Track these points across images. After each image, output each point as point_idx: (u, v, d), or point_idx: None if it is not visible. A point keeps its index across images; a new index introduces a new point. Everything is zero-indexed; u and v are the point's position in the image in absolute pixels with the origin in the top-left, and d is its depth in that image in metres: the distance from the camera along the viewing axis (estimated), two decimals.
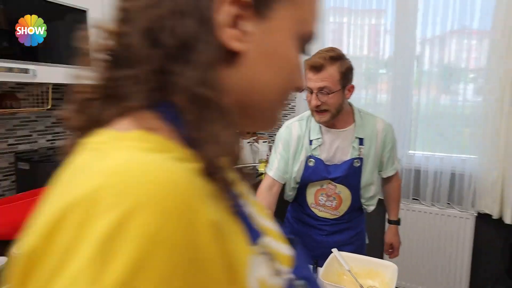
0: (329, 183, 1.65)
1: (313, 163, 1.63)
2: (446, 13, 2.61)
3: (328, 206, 1.70)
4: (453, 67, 2.67)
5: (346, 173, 1.62)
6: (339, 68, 1.48)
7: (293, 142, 1.66)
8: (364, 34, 2.92)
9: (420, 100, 2.72)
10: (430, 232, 2.68)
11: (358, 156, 1.62)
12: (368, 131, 1.64)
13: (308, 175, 1.66)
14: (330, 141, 1.63)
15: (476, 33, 2.61)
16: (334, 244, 1.65)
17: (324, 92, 1.48)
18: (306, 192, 1.71)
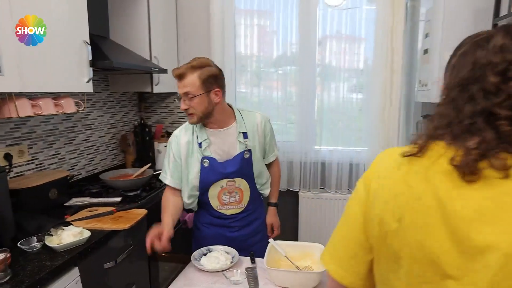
0: (228, 181, 1.80)
1: (207, 163, 1.76)
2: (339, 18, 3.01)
3: (232, 202, 1.85)
4: (346, 68, 3.07)
5: (240, 165, 1.79)
6: (199, 75, 1.63)
7: (183, 149, 1.78)
8: (254, 34, 3.20)
9: (323, 98, 3.08)
10: (336, 215, 3.07)
11: (246, 149, 1.80)
12: (249, 125, 1.82)
13: (206, 175, 1.77)
14: (218, 141, 1.78)
15: (361, 39, 3.05)
16: (247, 236, 1.91)
17: (188, 96, 1.65)
18: (208, 198, 1.83)
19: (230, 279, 1.58)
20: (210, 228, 1.90)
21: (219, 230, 1.89)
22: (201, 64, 1.66)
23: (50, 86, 1.73)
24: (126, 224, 1.81)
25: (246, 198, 1.87)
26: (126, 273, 1.93)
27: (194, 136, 1.78)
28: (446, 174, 0.68)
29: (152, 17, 2.71)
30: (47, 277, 1.35)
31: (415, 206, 0.70)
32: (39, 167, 2.19)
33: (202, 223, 1.93)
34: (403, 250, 0.71)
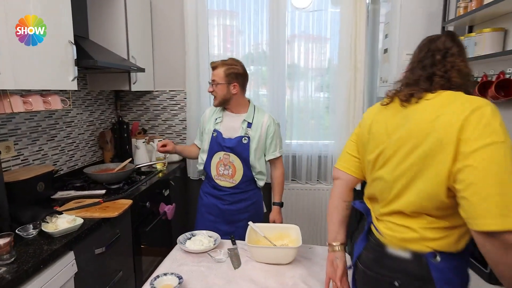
0: (224, 153, 2.24)
1: (215, 134, 2.26)
2: (307, 20, 3.22)
3: (226, 174, 2.27)
4: (314, 68, 3.29)
5: (235, 145, 2.22)
6: (225, 70, 2.18)
7: (206, 119, 2.36)
8: (227, 35, 3.37)
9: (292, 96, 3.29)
10: (306, 203, 3.29)
11: (246, 135, 2.23)
12: (256, 120, 2.26)
13: (213, 144, 2.26)
14: (228, 121, 2.28)
15: (327, 39, 3.27)
16: (234, 212, 2.29)
17: (214, 83, 2.19)
18: (210, 166, 2.28)
19: (214, 258, 1.74)
20: (208, 197, 2.34)
21: (214, 200, 2.31)
22: (230, 63, 2.20)
23: (39, 83, 1.82)
24: (114, 212, 1.93)
25: (238, 176, 2.26)
26: (114, 260, 2.04)
27: (214, 114, 2.33)
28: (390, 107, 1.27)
29: (129, 18, 2.81)
30: (48, 258, 1.47)
31: (373, 127, 1.29)
32: (24, 163, 2.27)
33: (204, 192, 2.38)
34: (368, 151, 1.31)
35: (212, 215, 2.31)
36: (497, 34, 1.72)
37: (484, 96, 1.77)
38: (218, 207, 2.30)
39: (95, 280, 1.87)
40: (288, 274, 1.61)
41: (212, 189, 2.32)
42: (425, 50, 1.26)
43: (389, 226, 1.21)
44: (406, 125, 1.16)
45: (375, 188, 1.29)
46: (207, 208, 2.33)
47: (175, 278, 1.51)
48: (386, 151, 1.22)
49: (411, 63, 1.30)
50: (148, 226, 2.48)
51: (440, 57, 1.22)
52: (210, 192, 2.32)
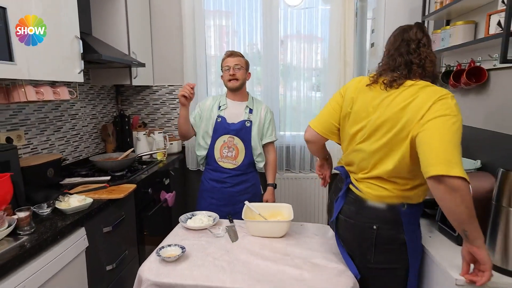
0: (229, 137, 2.45)
1: (220, 119, 2.46)
2: (299, 18, 3.39)
3: (229, 156, 2.47)
4: (307, 67, 3.45)
5: (240, 128, 2.46)
6: (242, 57, 2.48)
7: (207, 107, 2.52)
8: (222, 35, 3.53)
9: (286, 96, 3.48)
10: (300, 191, 3.46)
11: (248, 119, 2.47)
12: (255, 107, 2.54)
13: (217, 128, 2.45)
14: (232, 107, 2.50)
15: (318, 39, 3.44)
16: (235, 193, 2.47)
17: (238, 66, 2.42)
18: (214, 149, 2.47)
19: (213, 233, 1.90)
20: (210, 182, 2.52)
21: (217, 184, 2.50)
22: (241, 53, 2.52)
23: (49, 75, 1.98)
24: (121, 194, 2.09)
25: (240, 158, 2.47)
26: (119, 239, 2.20)
27: (216, 103, 2.52)
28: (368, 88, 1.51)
29: (130, 16, 2.97)
30: (63, 230, 1.62)
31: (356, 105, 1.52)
32: (33, 151, 2.41)
33: (206, 179, 2.56)
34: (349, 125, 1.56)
35: (214, 198, 2.50)
36: (468, 26, 1.89)
37: (458, 83, 1.94)
38: (221, 190, 2.48)
39: (103, 257, 2.02)
40: (281, 245, 1.77)
41: (214, 173, 2.50)
42: (399, 40, 1.51)
43: (368, 186, 1.50)
44: (386, 109, 1.41)
45: (355, 157, 1.54)
46: (210, 193, 2.51)
47: (178, 248, 1.66)
48: (365, 129, 1.47)
49: (388, 50, 1.56)
50: (150, 211, 2.63)
51: (414, 46, 1.47)
52: (213, 177, 2.50)
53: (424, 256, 1.52)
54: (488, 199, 1.39)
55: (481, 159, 1.87)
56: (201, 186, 2.60)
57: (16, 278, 1.34)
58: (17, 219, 1.51)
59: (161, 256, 1.59)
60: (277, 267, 1.55)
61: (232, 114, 2.48)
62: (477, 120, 1.96)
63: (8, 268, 1.30)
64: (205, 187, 2.55)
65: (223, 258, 1.63)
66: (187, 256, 1.64)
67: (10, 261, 1.31)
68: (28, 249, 1.41)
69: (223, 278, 1.47)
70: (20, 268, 1.37)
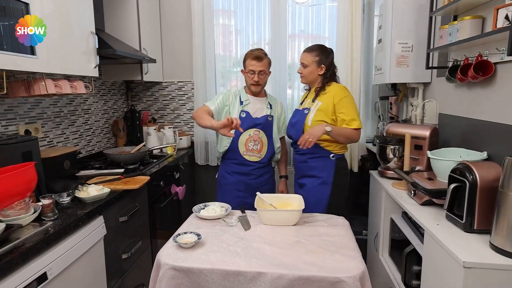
0: (255, 130, 2.49)
1: (244, 114, 2.49)
2: (306, 16, 3.44)
3: (255, 149, 2.50)
4: None
5: (264, 122, 2.52)
6: (268, 61, 2.48)
7: (230, 100, 2.53)
8: (232, 34, 3.59)
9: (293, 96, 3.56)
10: None
11: (270, 114, 2.55)
12: (273, 103, 2.62)
13: (242, 123, 2.35)
14: (253, 103, 2.53)
15: (325, 38, 3.50)
16: (260, 183, 2.54)
17: (262, 73, 2.44)
18: (238, 144, 2.48)
19: (227, 222, 1.96)
20: (234, 176, 2.55)
21: (241, 177, 2.54)
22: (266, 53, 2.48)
23: (67, 69, 2.04)
24: (136, 184, 2.15)
25: (264, 150, 2.53)
26: (134, 229, 2.26)
27: (237, 97, 2.54)
28: None
29: (141, 12, 3.03)
30: (84, 217, 1.68)
31: None
32: (49, 144, 2.48)
33: (228, 172, 2.57)
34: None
35: (240, 191, 2.52)
36: (476, 21, 1.93)
37: (465, 77, 1.99)
38: (246, 182, 2.52)
39: (120, 245, 2.09)
40: (293, 232, 1.83)
41: (239, 166, 2.52)
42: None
43: None
44: None
45: None
46: (235, 186, 2.53)
47: (194, 235, 1.72)
48: None
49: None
50: (162, 203, 2.69)
51: None
52: (237, 170, 2.53)
53: (431, 241, 1.57)
54: (495, 188, 1.43)
55: (488, 151, 1.92)
56: (222, 180, 2.60)
57: (42, 260, 1.40)
58: (41, 206, 1.57)
59: (178, 242, 1.65)
60: (289, 252, 1.61)
61: (256, 109, 2.52)
62: (483, 113, 2.00)
63: (36, 250, 1.37)
64: (228, 181, 2.55)
65: (237, 245, 1.69)
66: (203, 243, 1.70)
67: (37, 244, 1.37)
68: (52, 233, 1.47)
69: (238, 262, 1.53)
70: (46, 252, 1.44)
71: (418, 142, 2.31)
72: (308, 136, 2.15)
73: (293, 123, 2.46)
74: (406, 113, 3.08)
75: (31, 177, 1.57)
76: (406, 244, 1.96)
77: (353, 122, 2.30)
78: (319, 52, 2.39)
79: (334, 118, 2.34)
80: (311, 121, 2.34)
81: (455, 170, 1.64)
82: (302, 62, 2.41)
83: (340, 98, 2.32)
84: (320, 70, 2.39)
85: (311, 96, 2.44)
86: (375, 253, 2.56)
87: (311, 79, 2.44)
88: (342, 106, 2.31)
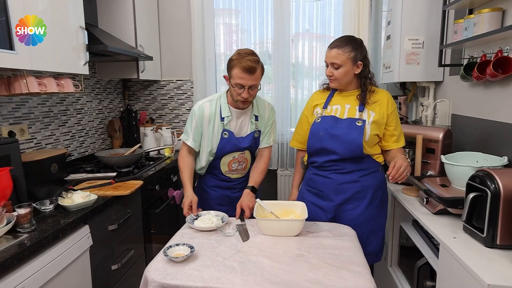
0: (240, 153, 2.12)
1: (227, 135, 2.05)
2: (311, 13, 3.30)
3: (239, 169, 2.19)
4: (318, 66, 3.38)
5: (251, 143, 2.12)
6: (261, 69, 1.95)
7: (205, 119, 2.05)
8: (231, 32, 3.45)
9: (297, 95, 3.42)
10: None
11: (257, 129, 2.13)
12: (261, 110, 2.14)
13: (224, 145, 2.06)
14: (236, 118, 2.08)
15: (330, 37, 3.34)
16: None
17: (253, 87, 1.93)
18: (220, 164, 2.14)
19: (223, 232, 1.81)
20: (216, 190, 2.21)
21: (224, 191, 2.21)
22: (259, 59, 1.95)
23: (52, 66, 1.90)
24: (126, 190, 2.01)
25: (248, 166, 2.22)
26: (125, 238, 2.12)
27: (217, 111, 2.05)
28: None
29: (137, 7, 2.89)
30: (65, 228, 1.54)
31: None
32: (37, 146, 2.34)
33: (209, 187, 2.22)
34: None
35: (223, 205, 2.18)
36: (495, 14, 1.77)
37: (483, 75, 1.82)
38: (229, 196, 2.21)
39: (109, 255, 1.94)
40: (295, 244, 1.67)
41: (220, 182, 2.21)
42: None
43: None
44: None
45: None
46: (219, 200, 2.20)
47: (186, 248, 1.57)
48: None
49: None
50: (157, 208, 2.55)
51: None
52: (218, 185, 2.21)
53: (448, 256, 1.42)
54: None
55: (508, 156, 1.76)
56: (204, 195, 2.22)
57: (15, 278, 1.26)
58: (17, 216, 1.43)
59: (169, 256, 1.51)
60: (290, 268, 1.46)
61: (239, 125, 2.10)
62: (502, 114, 1.84)
63: (6, 267, 1.23)
64: (211, 196, 2.21)
65: (233, 258, 1.54)
66: (196, 256, 1.55)
67: (8, 260, 1.23)
68: (27, 247, 1.33)
69: (233, 279, 1.37)
70: (19, 268, 1.30)
71: (430, 145, 2.16)
72: (403, 169, 1.71)
73: (336, 136, 1.90)
74: (416, 114, 2.92)
75: (4, 185, 1.43)
76: (416, 253, 1.81)
77: (402, 138, 1.97)
78: (353, 47, 1.85)
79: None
80: (369, 136, 1.88)
81: (474, 178, 1.48)
82: (333, 62, 1.86)
83: (394, 109, 1.92)
84: (357, 68, 1.87)
85: (347, 101, 1.94)
86: (383, 263, 2.40)
87: (345, 82, 1.90)
88: (393, 119, 1.92)
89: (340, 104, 1.95)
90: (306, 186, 2.09)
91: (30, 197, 1.78)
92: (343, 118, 1.91)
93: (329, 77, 1.92)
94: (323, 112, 1.97)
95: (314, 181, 2.03)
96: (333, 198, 1.97)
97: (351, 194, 1.94)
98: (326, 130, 1.92)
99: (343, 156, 1.90)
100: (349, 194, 1.94)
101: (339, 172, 1.95)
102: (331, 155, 1.93)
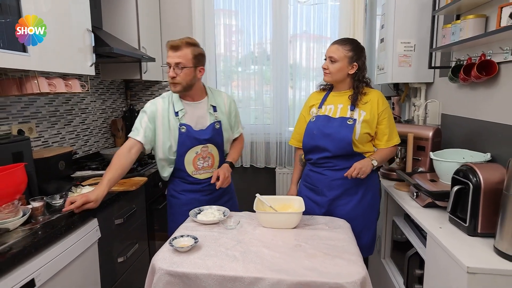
0: (202, 147, 2.05)
1: (184, 129, 2.00)
2: (308, 16, 3.41)
3: (206, 166, 2.11)
4: (315, 67, 3.49)
5: (212, 134, 2.06)
6: (192, 51, 1.93)
7: (159, 115, 2.00)
8: (231, 33, 3.56)
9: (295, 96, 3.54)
10: None
11: (216, 120, 2.09)
12: (218, 101, 2.14)
13: (183, 140, 2.00)
14: (191, 111, 2.04)
15: (327, 38, 3.46)
16: (217, 197, 2.17)
17: (179, 66, 1.91)
18: (184, 164, 2.05)
19: (225, 225, 1.91)
20: (186, 194, 2.13)
21: (193, 195, 2.12)
22: (194, 43, 1.98)
23: (61, 67, 2.00)
24: (132, 186, 2.11)
25: (216, 163, 2.14)
26: (130, 232, 2.22)
27: (170, 106, 2.02)
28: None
29: (140, 10, 2.99)
30: (76, 220, 1.64)
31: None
32: (44, 144, 2.44)
33: (177, 191, 2.14)
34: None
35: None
36: (479, 20, 1.88)
37: (468, 77, 1.94)
38: (199, 199, 2.12)
39: (115, 248, 2.04)
40: (293, 236, 1.78)
41: (189, 185, 2.12)
42: None
43: None
44: None
45: None
46: (189, 206, 2.05)
47: (191, 239, 1.67)
48: None
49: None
50: (160, 205, 2.65)
51: None
52: (187, 189, 2.13)
53: (434, 245, 1.53)
54: (500, 190, 1.39)
55: (491, 152, 1.87)
56: (173, 201, 2.16)
57: (30, 266, 1.35)
58: (31, 209, 1.53)
59: (174, 246, 1.61)
60: (289, 257, 1.56)
61: (196, 117, 2.05)
62: (486, 113, 1.96)
63: (23, 256, 1.32)
64: (181, 202, 2.13)
65: (235, 249, 1.64)
66: (199, 247, 1.65)
67: (26, 248, 1.33)
68: (41, 238, 1.42)
69: (236, 267, 1.48)
70: (34, 257, 1.39)
71: (420, 143, 2.27)
72: (358, 172, 1.86)
73: (327, 134, 1.99)
74: (409, 114, 3.03)
75: (20, 179, 1.53)
76: (408, 246, 1.92)
77: (395, 137, 2.03)
78: (353, 47, 1.96)
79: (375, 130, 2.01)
80: (359, 135, 1.96)
81: (458, 172, 1.59)
82: (331, 55, 1.95)
83: (384, 108, 2.00)
84: (351, 68, 1.96)
85: (340, 101, 2.04)
86: (376, 255, 2.51)
87: (337, 78, 1.99)
88: (385, 118, 1.99)
89: (334, 104, 2.04)
90: (304, 182, 2.20)
91: (40, 192, 1.87)
92: (336, 117, 2.01)
93: (324, 70, 2.01)
94: (318, 112, 2.07)
95: (310, 177, 2.13)
96: (327, 194, 2.06)
97: (343, 190, 2.03)
98: (319, 128, 2.01)
99: (334, 153, 1.99)
100: (341, 190, 2.03)
101: (332, 169, 2.04)
102: (324, 152, 2.02)
